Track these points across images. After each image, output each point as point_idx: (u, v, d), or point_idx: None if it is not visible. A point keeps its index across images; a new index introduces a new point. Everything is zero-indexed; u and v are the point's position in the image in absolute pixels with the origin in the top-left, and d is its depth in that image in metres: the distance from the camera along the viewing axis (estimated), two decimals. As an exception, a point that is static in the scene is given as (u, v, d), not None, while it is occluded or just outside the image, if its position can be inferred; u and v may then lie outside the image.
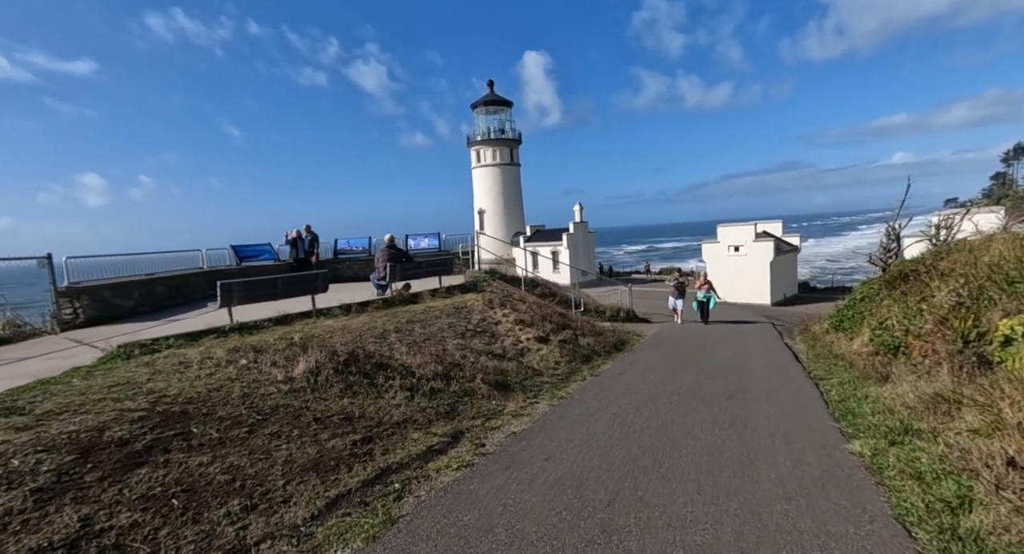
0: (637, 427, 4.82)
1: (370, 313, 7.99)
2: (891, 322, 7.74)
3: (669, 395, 6.05)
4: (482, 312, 9.04)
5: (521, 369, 7.12)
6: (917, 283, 8.10)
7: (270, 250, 13.04)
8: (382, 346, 6.49)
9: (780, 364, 7.95)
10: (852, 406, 5.51)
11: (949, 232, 14.32)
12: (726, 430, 4.71)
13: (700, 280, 14.22)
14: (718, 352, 9.05)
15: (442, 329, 7.78)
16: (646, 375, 7.26)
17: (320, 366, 5.26)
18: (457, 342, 7.38)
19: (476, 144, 43.07)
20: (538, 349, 8.23)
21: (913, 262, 9.26)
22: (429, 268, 10.34)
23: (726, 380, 6.85)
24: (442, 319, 8.24)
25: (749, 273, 27.02)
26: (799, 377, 7.06)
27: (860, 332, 8.83)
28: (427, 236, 14.52)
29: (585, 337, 9.53)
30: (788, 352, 9.24)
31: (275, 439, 3.82)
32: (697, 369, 7.59)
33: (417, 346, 6.78)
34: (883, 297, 8.90)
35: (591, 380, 7.05)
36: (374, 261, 9.74)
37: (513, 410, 5.54)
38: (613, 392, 6.30)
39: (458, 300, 9.40)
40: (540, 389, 6.47)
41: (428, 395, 5.46)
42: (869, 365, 7.15)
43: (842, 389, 6.28)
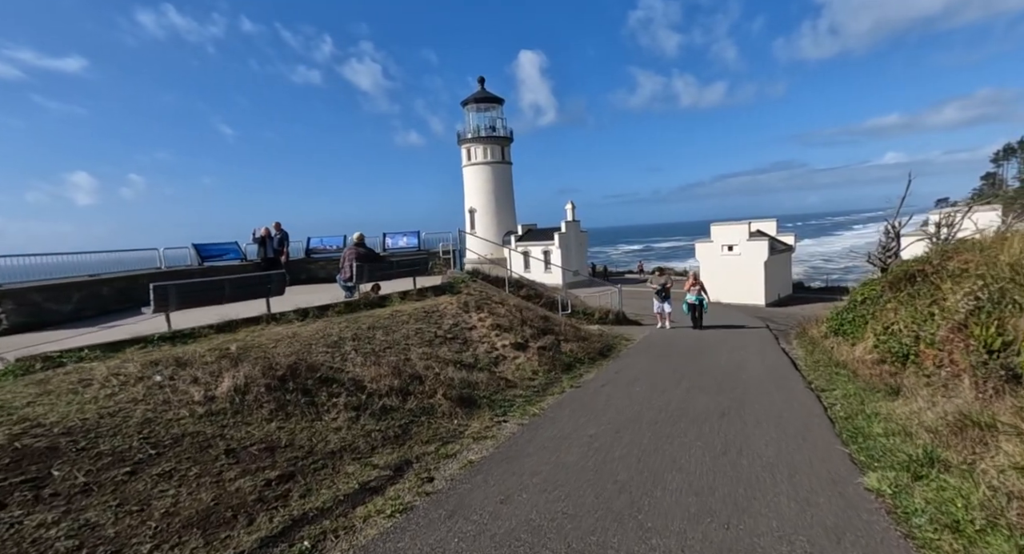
0: (615, 455, 4.12)
1: (329, 318, 7.25)
2: (898, 327, 7.11)
3: (655, 413, 5.36)
4: (455, 316, 8.32)
5: (493, 381, 6.41)
6: (925, 285, 7.48)
7: (236, 249, 12.24)
8: (334, 357, 5.76)
9: (778, 373, 7.29)
10: (861, 425, 4.85)
11: (950, 230, 13.79)
12: (719, 458, 4.02)
13: (691, 280, 12.56)
14: (711, 360, 8.39)
15: (407, 336, 7.05)
16: (631, 387, 6.57)
17: (250, 382, 4.52)
18: (423, 351, 6.65)
19: (467, 142, 42.34)
20: (514, 357, 7.52)
21: (918, 262, 8.65)
22: (402, 268, 9.60)
23: (719, 393, 6.18)
24: (409, 324, 7.51)
25: (743, 273, 26.49)
26: (799, 389, 6.40)
27: (863, 337, 8.20)
28: (406, 235, 13.77)
29: (568, 343, 8.83)
30: (785, 359, 8.60)
31: (163, 481, 3.08)
32: (688, 380, 6.92)
33: (375, 356, 6.05)
34: (887, 299, 8.28)
35: (570, 393, 6.35)
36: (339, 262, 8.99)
37: (476, 431, 4.82)
38: (593, 408, 5.60)
39: (430, 303, 8.67)
40: (511, 404, 5.76)
41: (378, 415, 4.74)
42: (875, 375, 6.51)
43: (848, 404, 5.63)
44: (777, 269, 27.68)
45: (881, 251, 13.75)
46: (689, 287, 12.47)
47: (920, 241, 14.33)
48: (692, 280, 12.53)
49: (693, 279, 12.53)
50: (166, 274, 10.51)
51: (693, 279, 12.53)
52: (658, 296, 12.62)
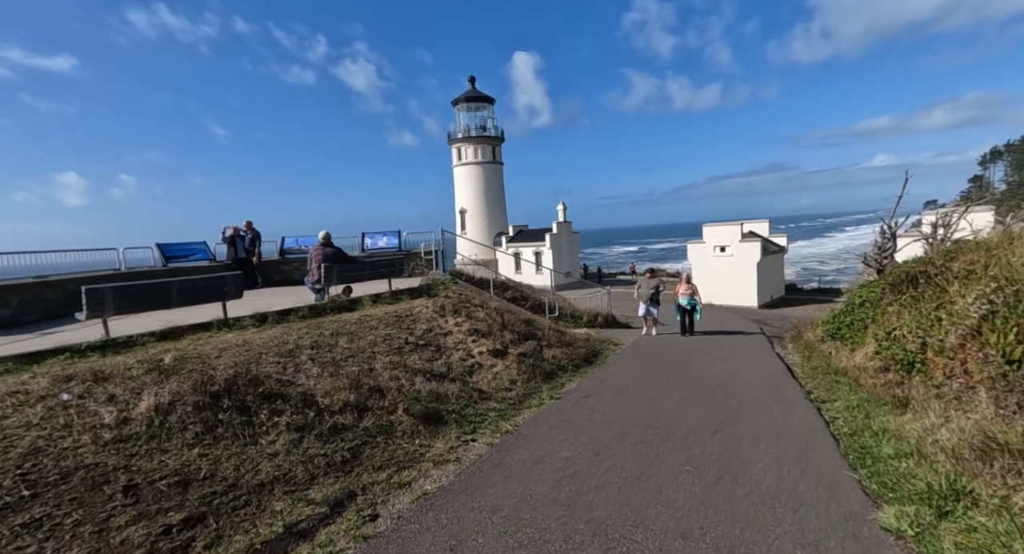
0: (592, 484, 3.58)
1: (290, 324, 6.65)
2: (901, 333, 6.65)
3: (641, 430, 4.83)
4: (430, 321, 7.75)
5: (465, 392, 5.85)
6: (930, 287, 7.03)
7: (204, 249, 11.57)
8: (285, 368, 5.17)
9: (774, 383, 6.80)
10: (868, 443, 4.35)
11: (947, 231, 13.46)
12: (711, 488, 3.50)
13: (683, 282, 11.48)
14: (703, 367, 7.89)
15: (374, 343, 6.47)
16: (616, 399, 6.04)
17: (176, 400, 3.92)
18: (389, 359, 6.08)
19: (457, 141, 41.80)
20: (491, 365, 6.97)
21: (920, 263, 8.23)
22: (376, 269, 9.02)
23: (712, 405, 5.67)
24: (378, 330, 6.93)
25: (735, 274, 26.15)
26: (798, 400, 5.91)
27: (863, 342, 7.75)
28: (386, 234, 13.18)
29: (551, 349, 8.29)
30: (781, 365, 8.12)
31: (25, 534, 2.49)
32: (679, 390, 6.41)
33: (334, 366, 5.46)
34: (888, 302, 7.83)
35: (549, 406, 5.81)
36: (306, 263, 8.39)
37: (439, 453, 4.26)
38: (573, 424, 5.06)
39: (404, 307, 8.10)
40: (483, 420, 5.20)
41: (326, 436, 4.16)
42: (879, 384, 6.04)
43: (852, 418, 5.14)
44: (770, 270, 27.39)
45: (877, 252, 13.38)
46: (682, 291, 11.44)
47: (916, 242, 13.99)
48: (684, 282, 11.54)
49: (686, 281, 11.57)
50: (125, 276, 9.84)
51: (686, 281, 11.57)
52: (646, 300, 11.48)
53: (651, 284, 11.56)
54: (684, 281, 11.55)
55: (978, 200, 16.99)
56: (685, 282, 11.49)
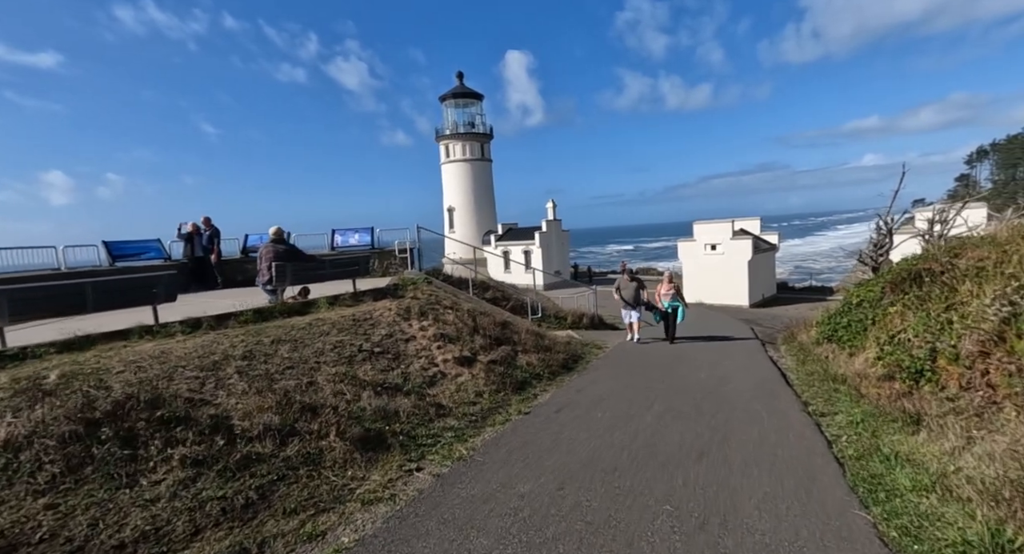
0: (548, 534, 2.89)
1: (226, 330, 5.89)
2: (906, 337, 6.05)
3: (615, 453, 4.15)
4: (391, 325, 7.02)
5: (420, 408, 5.14)
6: (936, 286, 6.44)
7: (158, 247, 10.73)
8: (204, 384, 4.42)
9: (767, 391, 6.17)
10: (879, 471, 3.71)
11: (944, 227, 12.97)
12: (694, 537, 2.83)
13: (665, 283, 10.20)
14: (689, 374, 7.24)
15: (321, 351, 5.74)
16: (591, 413, 5.36)
17: (38, 432, 3.17)
18: (336, 371, 5.34)
19: (445, 138, 41.00)
20: (456, 375, 6.26)
21: (922, 259, 7.65)
22: (338, 269, 8.27)
23: (698, 420, 5.01)
24: (329, 337, 6.19)
25: (726, 273, 25.66)
26: (794, 413, 5.27)
27: (863, 346, 7.15)
28: (358, 231, 12.42)
29: (527, 354, 7.60)
30: (774, 371, 7.50)
31: None
32: (662, 401, 5.75)
33: (267, 381, 4.73)
34: (890, 302, 7.24)
35: (516, 422, 5.12)
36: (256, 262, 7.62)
37: (372, 489, 3.55)
38: (538, 447, 4.37)
39: (364, 309, 7.36)
40: (436, 442, 4.49)
41: (233, 470, 3.43)
42: (883, 395, 5.42)
43: (856, 436, 4.50)
44: (761, 269, 26.94)
45: (872, 249, 12.86)
46: (664, 292, 10.15)
47: (912, 238, 13.49)
48: (666, 282, 10.26)
49: (667, 281, 10.28)
50: (65, 276, 9.01)
51: (667, 281, 10.28)
52: (628, 304, 10.17)
53: (631, 287, 10.16)
54: (665, 281, 10.34)
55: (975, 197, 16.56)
56: (666, 282, 10.28)
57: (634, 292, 10.12)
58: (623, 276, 10.44)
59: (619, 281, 10.43)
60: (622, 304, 10.37)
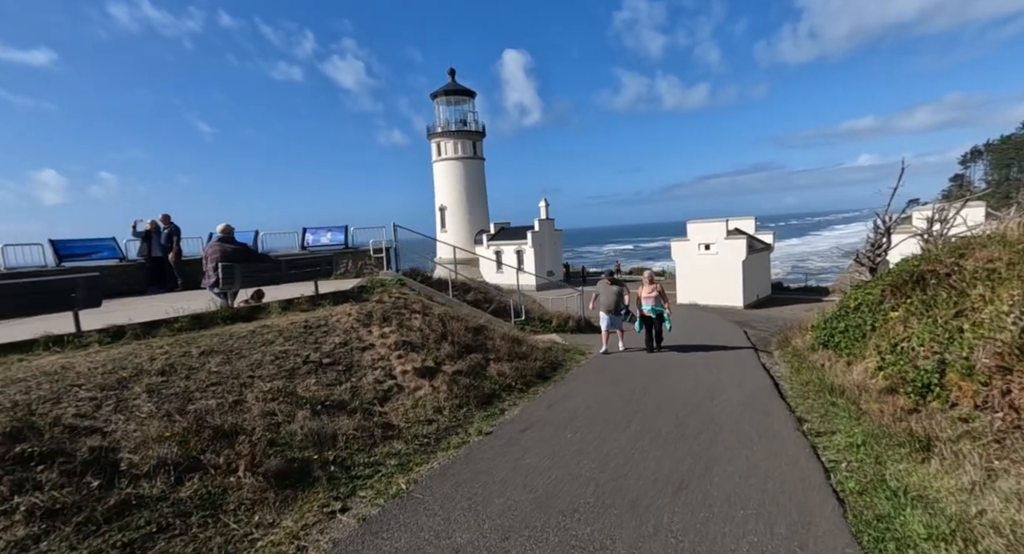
0: (474, 611, 2.29)
1: (151, 340, 5.24)
2: (911, 346, 5.48)
3: (579, 488, 3.55)
4: (348, 332, 6.39)
5: (366, 429, 4.52)
6: (942, 289, 5.88)
7: (112, 246, 10.05)
8: (100, 407, 3.78)
9: (758, 405, 5.58)
10: (886, 512, 3.12)
11: (944, 226, 12.46)
12: (658, 617, 2.23)
13: (646, 285, 8.91)
14: (676, 386, 6.65)
15: (259, 364, 5.10)
16: (561, 434, 4.76)
17: None
18: (271, 387, 4.71)
19: (436, 136, 40.33)
20: (415, 388, 5.64)
21: (925, 260, 7.10)
22: (296, 270, 7.62)
23: (679, 443, 4.42)
24: (272, 346, 5.56)
25: (720, 273, 25.16)
26: (787, 433, 4.69)
27: (862, 354, 6.59)
28: (330, 230, 11.78)
29: (500, 363, 6.99)
30: (767, 380, 6.93)
31: None
32: (640, 418, 5.15)
33: (181, 401, 4.09)
34: (891, 307, 6.68)
35: (474, 445, 4.50)
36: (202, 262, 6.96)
37: (277, 541, 2.92)
38: (491, 478, 3.76)
39: (321, 314, 6.73)
40: (373, 473, 3.87)
41: (101, 520, 2.79)
42: (887, 412, 4.84)
43: (858, 463, 3.92)
44: (755, 269, 26.46)
45: (870, 249, 12.34)
46: (644, 293, 8.89)
47: (911, 238, 12.99)
48: (647, 283, 8.97)
49: (648, 282, 9.00)
50: (3, 277, 8.32)
51: (648, 282, 9.00)
52: (605, 304, 9.05)
53: (612, 291, 9.02)
54: (646, 282, 9.04)
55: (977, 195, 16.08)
56: (647, 283, 9.00)
57: (615, 298, 9.00)
58: (603, 280, 9.31)
59: (598, 285, 9.35)
60: (601, 310, 9.22)
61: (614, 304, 8.98)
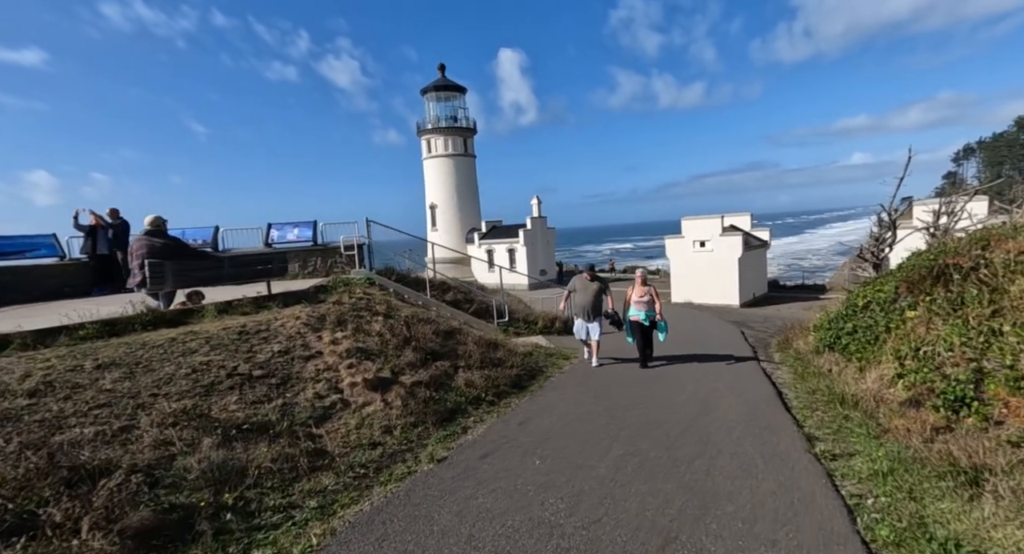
0: None
1: (39, 351, 4.40)
2: (937, 351, 4.74)
3: (539, 542, 2.75)
4: (293, 339, 5.57)
5: (291, 457, 3.71)
6: (971, 285, 5.14)
7: (51, 243, 9.16)
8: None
9: (762, 423, 4.81)
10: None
11: (951, 219, 11.80)
12: None
13: (638, 286, 7.43)
14: (667, 397, 5.87)
15: (169, 379, 4.28)
16: (528, 460, 3.97)
17: None
18: (178, 407, 3.89)
19: (426, 133, 39.44)
20: (364, 404, 4.83)
21: (946, 253, 6.36)
22: (244, 268, 6.79)
23: (668, 476, 3.63)
24: (194, 356, 4.73)
25: (716, 271, 24.46)
26: (796, 455, 3.92)
27: (876, 359, 5.83)
28: (298, 225, 10.93)
29: (469, 371, 6.19)
30: (769, 388, 6.17)
31: None
32: (624, 440, 4.37)
33: (49, 428, 3.27)
34: (908, 305, 5.94)
35: (419, 478, 3.70)
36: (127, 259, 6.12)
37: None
38: (429, 528, 2.96)
39: (264, 318, 5.91)
40: (282, 520, 3.06)
41: None
42: (914, 430, 4.09)
43: (888, 499, 3.15)
44: (752, 266, 25.80)
45: (873, 243, 11.65)
46: (635, 296, 7.38)
47: (915, 232, 12.31)
48: (639, 285, 7.44)
49: (640, 284, 7.43)
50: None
51: (640, 284, 7.43)
52: (582, 310, 7.48)
53: (590, 290, 7.41)
54: (638, 283, 7.48)
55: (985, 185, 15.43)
56: (639, 284, 7.46)
57: (592, 297, 7.32)
58: (581, 275, 7.64)
59: (573, 282, 7.65)
60: (576, 313, 7.62)
61: (591, 305, 7.36)
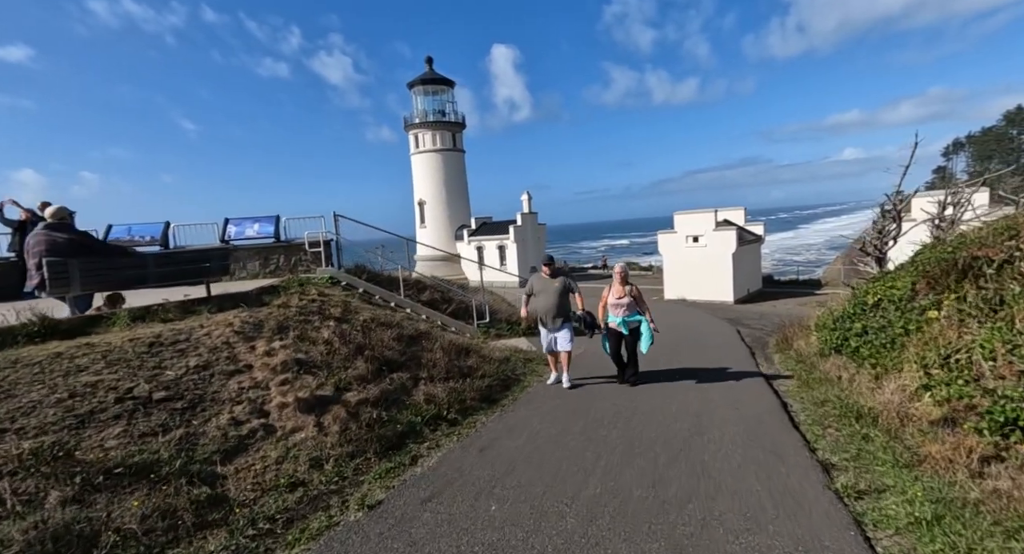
0: None
1: None
2: (974, 358, 4.01)
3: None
4: (217, 350, 4.72)
5: (172, 511, 2.88)
6: (1010, 281, 4.40)
7: (-27, 242, 8.21)
8: None
9: (765, 443, 4.04)
10: None
11: (957, 210, 11.14)
12: None
13: (616, 284, 5.89)
14: (654, 409, 5.08)
15: (32, 408, 3.42)
16: (479, 506, 3.16)
17: None
18: (33, 445, 3.05)
19: (414, 127, 38.43)
20: (293, 429, 4.00)
21: (970, 244, 5.63)
22: (174, 267, 5.93)
23: (653, 527, 2.84)
24: (79, 376, 3.88)
25: (709, 267, 23.79)
26: (812, 494, 3.15)
27: (895, 366, 5.08)
28: (258, 220, 10.02)
29: (431, 384, 5.38)
30: (772, 400, 5.41)
31: None
32: (601, 474, 3.57)
33: None
34: (929, 304, 5.20)
35: (338, 535, 2.88)
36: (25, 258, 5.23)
37: None
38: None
39: (186, 326, 5.06)
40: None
41: None
42: (958, 460, 3.34)
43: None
44: (746, 262, 25.17)
45: (876, 236, 10.96)
46: (612, 298, 5.86)
47: (922, 223, 11.64)
48: (618, 283, 5.85)
49: (620, 282, 5.83)
50: None
51: (620, 282, 5.83)
52: (547, 320, 5.95)
53: (552, 289, 5.82)
54: (616, 281, 5.88)
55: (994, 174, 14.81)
56: (618, 283, 5.85)
57: (556, 298, 5.76)
58: (539, 273, 6.04)
59: (531, 282, 6.05)
60: (540, 319, 6.02)
61: (555, 308, 5.76)
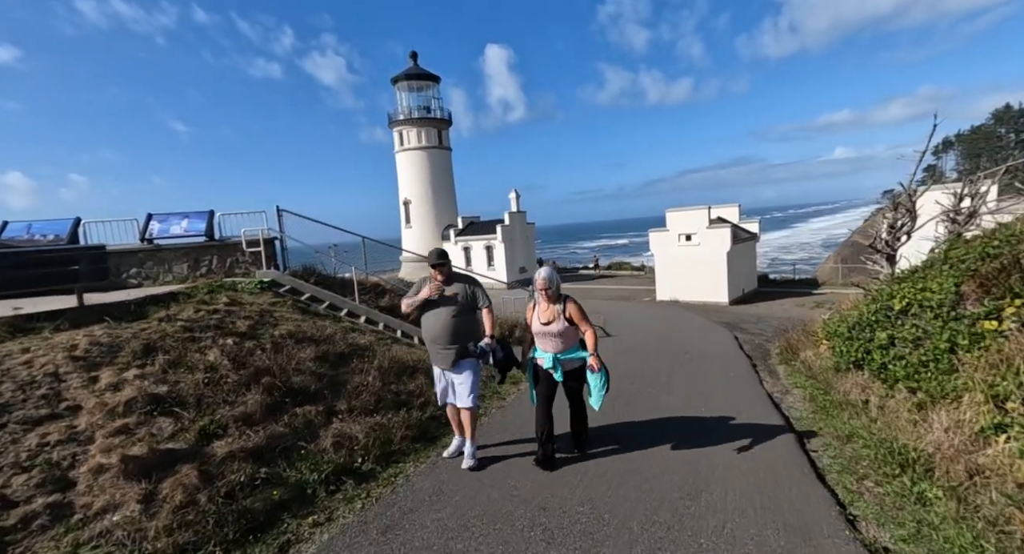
0: None
1: None
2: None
3: None
4: (31, 387, 3.42)
5: None
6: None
7: None
8: None
9: (788, 516, 2.82)
10: None
11: (975, 201, 10.10)
12: None
13: (542, 296, 3.47)
14: (631, 459, 3.87)
15: None
16: None
17: None
18: None
19: (398, 124, 37.14)
20: (106, 506, 2.73)
21: (1014, 236, 4.47)
22: (22, 270, 4.63)
23: None
24: None
25: (703, 266, 22.71)
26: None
27: (948, 392, 3.90)
28: (188, 216, 8.70)
29: (348, 420, 4.11)
30: (787, 437, 4.22)
31: None
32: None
33: None
34: (985, 311, 4.03)
35: None
36: None
37: None
38: None
39: (5, 350, 3.78)
40: None
41: None
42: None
43: None
44: (741, 260, 24.11)
45: (889, 231, 9.86)
46: (536, 324, 3.55)
47: (935, 218, 10.58)
48: (543, 299, 3.48)
49: (547, 296, 3.45)
50: None
51: (547, 296, 3.45)
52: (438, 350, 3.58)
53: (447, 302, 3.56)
54: (543, 297, 3.49)
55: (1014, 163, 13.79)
56: (545, 300, 3.49)
57: (450, 317, 3.51)
58: (428, 277, 3.70)
59: (418, 286, 3.72)
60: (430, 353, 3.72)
61: (448, 333, 3.51)
